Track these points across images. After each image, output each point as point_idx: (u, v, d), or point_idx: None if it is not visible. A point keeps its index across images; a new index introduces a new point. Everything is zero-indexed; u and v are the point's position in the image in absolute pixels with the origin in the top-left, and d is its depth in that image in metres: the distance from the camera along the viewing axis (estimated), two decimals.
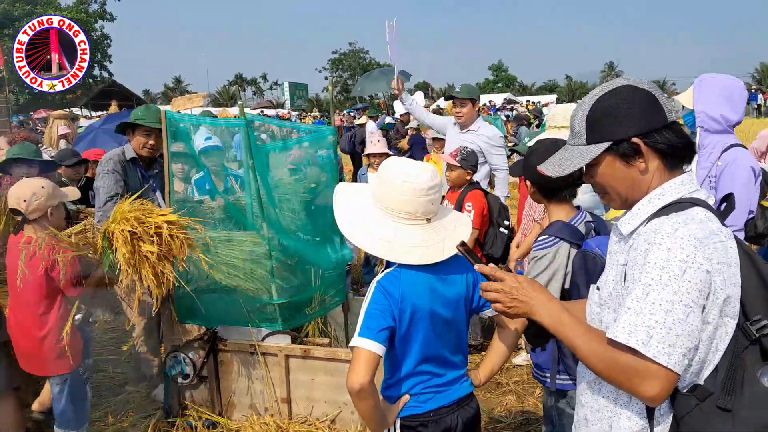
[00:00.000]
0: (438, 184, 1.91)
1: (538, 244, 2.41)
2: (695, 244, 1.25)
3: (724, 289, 1.27)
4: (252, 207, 3.37)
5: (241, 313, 3.43)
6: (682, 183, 1.39)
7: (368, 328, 1.81)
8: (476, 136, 5.02)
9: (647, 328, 1.25)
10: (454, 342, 2.00)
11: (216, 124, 3.48)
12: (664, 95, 1.39)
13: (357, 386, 1.74)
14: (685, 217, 1.31)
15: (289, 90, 51.86)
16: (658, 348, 1.23)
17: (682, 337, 1.24)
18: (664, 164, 1.40)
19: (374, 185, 1.98)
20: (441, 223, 1.96)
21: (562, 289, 2.36)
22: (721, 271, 1.26)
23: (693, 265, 1.24)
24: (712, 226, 1.30)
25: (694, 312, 1.24)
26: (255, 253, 3.33)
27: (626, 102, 1.38)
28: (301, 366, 3.42)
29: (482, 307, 2.03)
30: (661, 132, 1.37)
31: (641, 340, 1.25)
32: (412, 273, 1.88)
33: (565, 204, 2.46)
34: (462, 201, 4.33)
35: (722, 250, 1.28)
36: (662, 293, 1.25)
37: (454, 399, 1.99)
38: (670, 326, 1.23)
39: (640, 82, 1.40)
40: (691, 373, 1.31)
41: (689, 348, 1.25)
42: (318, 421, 3.41)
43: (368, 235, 1.90)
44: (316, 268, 3.77)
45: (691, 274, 1.24)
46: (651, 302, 1.26)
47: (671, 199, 1.37)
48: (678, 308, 1.24)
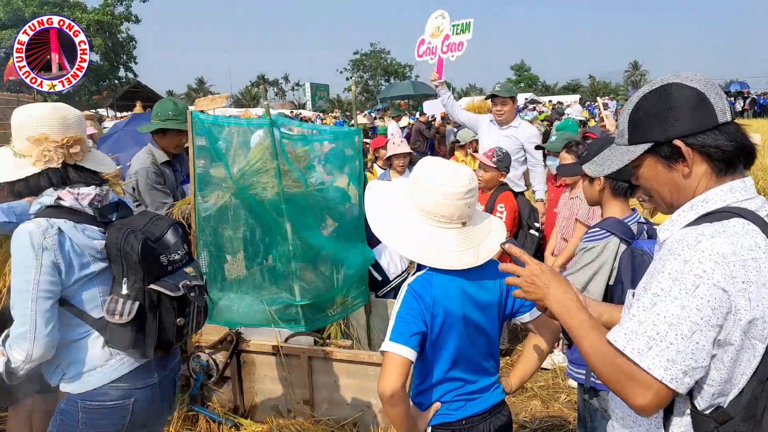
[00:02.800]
0: (475, 187, 1.86)
1: (589, 235, 2.41)
2: (717, 259, 1.18)
3: (749, 310, 1.18)
4: (276, 207, 3.35)
5: (264, 314, 3.42)
6: (731, 190, 1.29)
7: (400, 332, 1.76)
8: (518, 132, 5.19)
9: (648, 338, 1.21)
10: (486, 348, 1.95)
11: (241, 124, 3.47)
12: (719, 93, 1.29)
13: (389, 392, 1.70)
14: (716, 229, 1.23)
15: (310, 91, 52.18)
16: (654, 360, 1.20)
17: (684, 354, 1.18)
18: (712, 169, 1.31)
19: (409, 186, 1.93)
20: (476, 228, 1.90)
21: (606, 285, 2.33)
22: (747, 290, 1.18)
23: (708, 281, 1.17)
24: (748, 241, 1.21)
25: (701, 330, 1.18)
26: (279, 253, 3.32)
27: (669, 101, 1.30)
28: (323, 368, 3.39)
29: (515, 313, 1.98)
30: (708, 134, 1.28)
31: (638, 349, 1.22)
32: (445, 277, 1.84)
33: (622, 202, 2.44)
34: (494, 202, 4.29)
35: (754, 268, 1.19)
36: (670, 306, 1.20)
37: (487, 407, 1.94)
38: (672, 341, 1.19)
39: (692, 78, 1.31)
40: (713, 394, 1.25)
41: (692, 367, 1.19)
42: (340, 424, 3.38)
43: (402, 237, 1.85)
44: (339, 269, 3.75)
45: (703, 291, 1.17)
46: (656, 313, 1.21)
47: (714, 207, 1.29)
48: (684, 324, 1.18)
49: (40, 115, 1.92)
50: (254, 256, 3.69)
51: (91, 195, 1.97)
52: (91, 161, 2.04)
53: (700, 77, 1.31)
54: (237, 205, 3.48)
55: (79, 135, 1.96)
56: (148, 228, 2.01)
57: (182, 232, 2.15)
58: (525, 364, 2.05)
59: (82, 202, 1.94)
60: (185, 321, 2.07)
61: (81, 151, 1.97)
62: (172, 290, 1.99)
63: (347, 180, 3.90)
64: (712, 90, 1.29)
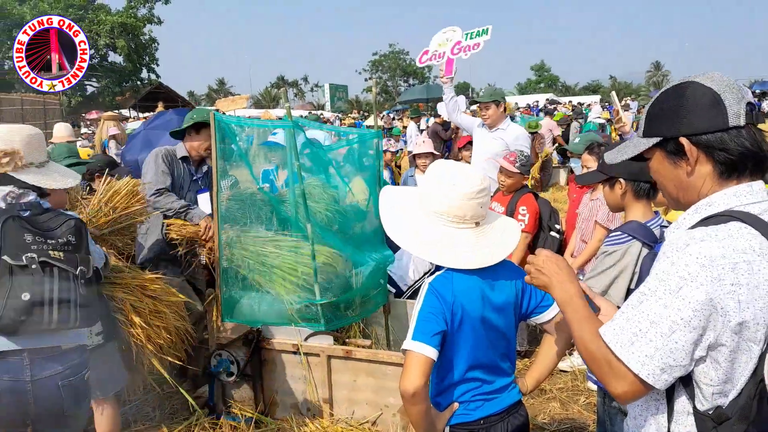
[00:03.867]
0: (487, 187, 1.89)
1: (611, 239, 2.40)
2: (703, 262, 1.21)
3: (738, 312, 1.20)
4: (296, 207, 3.40)
5: (284, 312, 3.46)
6: (736, 194, 1.30)
7: (422, 331, 1.79)
8: (505, 134, 5.21)
9: (632, 334, 1.27)
10: (504, 349, 1.97)
11: (263, 125, 3.52)
12: (738, 97, 1.28)
13: (411, 390, 1.73)
14: (708, 233, 1.25)
15: (329, 92, 52.40)
16: (633, 355, 1.26)
17: (662, 351, 1.23)
18: (717, 171, 1.31)
19: (422, 189, 1.97)
20: (490, 227, 1.93)
21: (627, 289, 2.32)
22: (736, 292, 1.19)
23: (692, 283, 1.21)
24: (741, 244, 1.22)
25: (681, 330, 1.22)
26: (299, 252, 3.36)
27: (683, 98, 1.32)
28: (343, 367, 3.42)
29: (531, 313, 2.00)
30: (716, 135, 1.28)
31: (621, 343, 1.28)
32: (464, 276, 1.86)
33: (645, 205, 2.43)
34: (515, 205, 4.30)
35: (746, 270, 1.20)
36: (654, 305, 1.25)
37: (504, 406, 1.96)
38: (651, 338, 1.24)
39: (713, 78, 1.31)
40: (713, 394, 1.27)
41: (670, 365, 1.24)
42: (359, 423, 3.41)
43: (416, 238, 1.89)
44: (358, 269, 3.77)
45: (686, 292, 1.21)
46: (642, 311, 1.27)
47: (717, 210, 1.30)
48: (665, 323, 1.23)
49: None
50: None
51: (5, 191, 2.30)
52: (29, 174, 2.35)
53: (721, 78, 1.31)
54: (258, 204, 3.52)
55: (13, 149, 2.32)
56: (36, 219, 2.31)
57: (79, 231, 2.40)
58: (541, 365, 2.06)
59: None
60: (31, 299, 2.18)
61: (10, 162, 2.31)
62: (11, 257, 2.19)
63: (367, 181, 3.92)
64: (730, 92, 1.28)
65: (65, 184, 2.47)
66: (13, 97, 9.40)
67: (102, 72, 34.79)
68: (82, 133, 16.08)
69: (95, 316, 2.50)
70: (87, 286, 2.40)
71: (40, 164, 2.43)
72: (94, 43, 33.14)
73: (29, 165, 2.37)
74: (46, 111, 10.38)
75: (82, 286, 2.35)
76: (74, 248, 2.36)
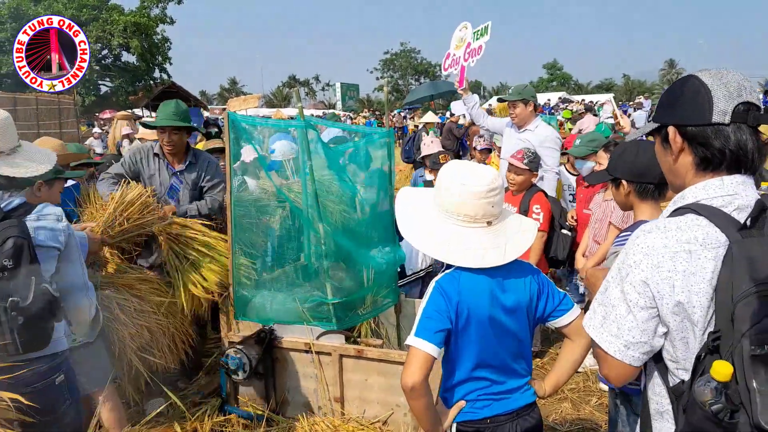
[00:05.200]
0: (499, 186, 1.89)
1: (620, 239, 2.42)
2: (646, 251, 1.36)
3: (672, 295, 1.32)
4: (308, 206, 3.41)
5: (296, 311, 3.48)
6: (704, 188, 1.38)
7: (425, 328, 1.81)
8: (532, 135, 5.03)
9: (601, 317, 1.45)
10: (516, 350, 1.96)
11: (276, 125, 3.53)
12: (732, 94, 1.33)
13: (410, 384, 1.77)
14: (659, 225, 1.38)
15: (340, 91, 52.47)
16: (603, 335, 1.44)
17: (624, 330, 1.39)
18: (695, 163, 1.40)
19: (435, 189, 1.98)
20: (503, 227, 1.92)
21: None
22: (671, 278, 1.32)
23: (635, 270, 1.37)
24: (686, 236, 1.32)
25: (633, 311, 1.38)
26: (312, 251, 3.37)
27: (678, 90, 1.42)
28: (354, 366, 3.43)
29: (548, 317, 1.98)
30: (699, 129, 1.36)
31: (594, 326, 1.46)
32: (472, 276, 1.86)
33: (652, 205, 2.42)
34: (528, 204, 4.28)
35: (685, 259, 1.31)
36: (613, 290, 1.43)
37: (514, 407, 1.95)
38: (614, 319, 1.41)
39: (712, 75, 1.37)
40: (677, 369, 1.40)
41: (632, 342, 1.39)
42: (370, 422, 3.42)
43: (428, 237, 1.90)
44: (369, 268, 3.78)
45: (632, 278, 1.38)
46: (606, 296, 1.44)
47: (685, 203, 1.39)
48: (622, 305, 1.40)
49: None
50: (287, 254, 3.75)
51: None
52: None
53: (721, 75, 1.37)
54: (272, 204, 3.54)
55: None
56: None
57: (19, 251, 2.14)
58: (561, 369, 2.05)
59: None
60: None
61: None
62: None
63: (378, 180, 3.93)
64: (723, 89, 1.34)
65: (37, 171, 2.30)
66: (28, 96, 9.48)
67: (115, 72, 35.06)
68: (94, 132, 16.24)
69: (46, 337, 2.26)
70: (30, 310, 2.13)
71: (11, 151, 2.28)
72: (107, 43, 33.42)
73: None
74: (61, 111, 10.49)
75: (16, 315, 2.10)
76: (10, 274, 2.11)
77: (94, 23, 32.33)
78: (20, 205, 2.27)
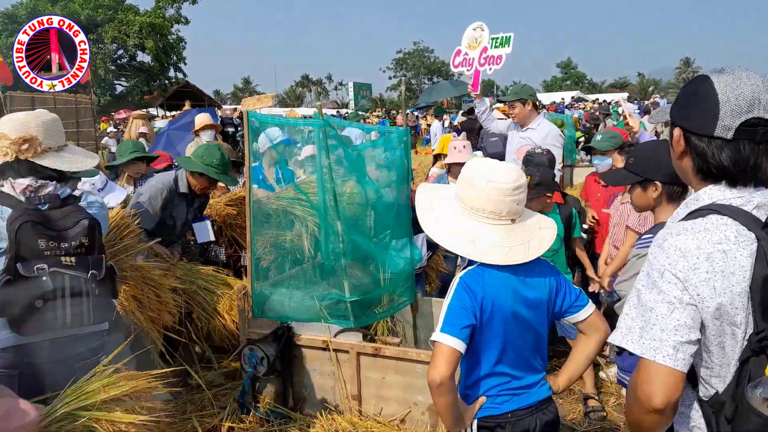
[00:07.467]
0: (523, 184, 1.89)
1: (641, 242, 2.40)
2: (680, 253, 1.29)
3: (714, 297, 1.26)
4: (326, 205, 3.42)
5: (314, 309, 3.49)
6: (720, 189, 1.35)
7: (451, 324, 1.82)
8: (534, 133, 5.09)
9: (640, 329, 1.32)
10: (535, 345, 1.98)
11: (296, 123, 3.54)
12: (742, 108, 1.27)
13: (438, 380, 1.76)
14: (686, 227, 1.32)
15: (353, 90, 52.49)
16: (645, 345, 1.29)
17: (669, 331, 1.27)
18: (695, 172, 1.39)
19: (458, 186, 1.98)
20: (525, 224, 1.94)
21: None
22: (711, 280, 1.26)
23: (671, 269, 1.29)
24: (716, 236, 1.28)
25: (678, 307, 1.28)
26: (329, 250, 3.38)
27: (690, 92, 1.39)
28: (372, 364, 3.44)
29: (565, 312, 2.00)
30: (701, 138, 1.33)
31: (632, 340, 1.32)
32: (496, 272, 1.88)
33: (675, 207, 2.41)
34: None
35: (721, 259, 1.27)
36: (648, 295, 1.32)
37: (533, 402, 1.97)
38: (655, 322, 1.29)
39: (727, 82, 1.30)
40: (711, 377, 1.33)
41: (680, 342, 1.26)
42: (388, 420, 3.42)
43: (453, 235, 1.90)
44: (386, 267, 3.79)
45: (669, 276, 1.29)
46: (641, 305, 1.33)
47: (702, 205, 1.35)
48: (662, 306, 1.29)
49: (7, 119, 2.34)
50: (306, 252, 3.76)
51: (23, 185, 2.28)
52: (48, 159, 2.34)
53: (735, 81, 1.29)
54: (290, 203, 3.56)
55: (31, 135, 2.29)
56: (51, 216, 2.29)
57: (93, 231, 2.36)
58: (575, 364, 2.07)
59: (17, 191, 2.27)
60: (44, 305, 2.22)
61: (30, 149, 2.28)
62: (26, 271, 2.19)
63: (396, 179, 3.93)
64: (732, 102, 1.28)
65: (84, 166, 2.49)
66: (45, 96, 9.58)
67: (131, 71, 35.35)
68: (109, 131, 16.40)
69: (110, 311, 2.55)
70: (100, 285, 2.41)
71: (59, 148, 2.44)
72: (123, 43, 33.67)
73: (48, 150, 2.38)
74: (78, 110, 10.60)
75: (94, 286, 2.38)
76: (87, 250, 2.37)
77: (110, 24, 32.59)
78: (70, 195, 2.46)
